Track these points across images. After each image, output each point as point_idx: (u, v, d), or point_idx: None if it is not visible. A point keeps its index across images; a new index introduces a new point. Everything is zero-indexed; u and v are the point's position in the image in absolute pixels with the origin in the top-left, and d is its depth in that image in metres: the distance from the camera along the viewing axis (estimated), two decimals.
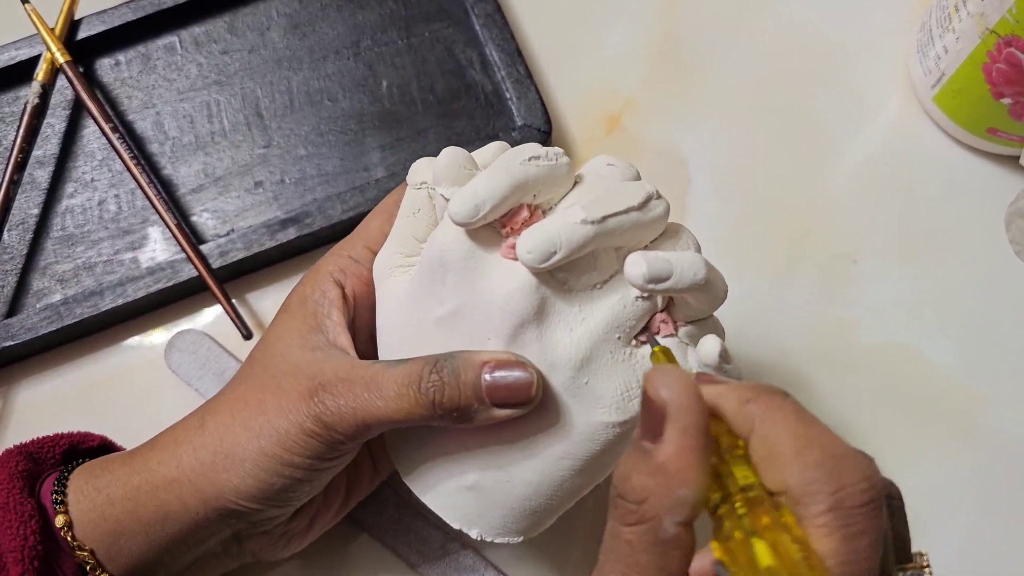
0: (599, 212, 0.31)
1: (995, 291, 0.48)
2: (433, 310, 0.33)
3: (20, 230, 0.48)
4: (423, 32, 0.52)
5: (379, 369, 0.33)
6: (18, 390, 0.46)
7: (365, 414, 0.32)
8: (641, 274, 0.31)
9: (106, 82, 0.51)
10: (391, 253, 0.35)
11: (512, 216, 0.32)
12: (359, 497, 0.40)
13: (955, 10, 0.46)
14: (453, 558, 0.42)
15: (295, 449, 0.33)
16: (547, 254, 0.30)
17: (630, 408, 0.32)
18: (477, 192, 0.31)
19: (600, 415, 0.32)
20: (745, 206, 0.50)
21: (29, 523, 0.34)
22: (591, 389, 0.32)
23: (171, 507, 0.34)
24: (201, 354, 0.46)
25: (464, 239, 0.32)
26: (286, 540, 0.38)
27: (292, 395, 0.33)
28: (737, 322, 0.47)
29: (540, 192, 0.32)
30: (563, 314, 0.32)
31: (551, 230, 0.31)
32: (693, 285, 0.31)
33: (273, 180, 0.49)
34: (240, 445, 0.33)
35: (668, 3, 0.54)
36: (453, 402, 0.32)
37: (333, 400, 0.32)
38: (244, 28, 0.52)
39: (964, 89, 0.47)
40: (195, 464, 0.34)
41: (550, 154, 0.32)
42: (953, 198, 0.50)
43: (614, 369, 0.32)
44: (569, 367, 0.32)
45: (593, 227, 0.31)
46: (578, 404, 0.32)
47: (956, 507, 0.44)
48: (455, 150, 0.33)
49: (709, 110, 0.51)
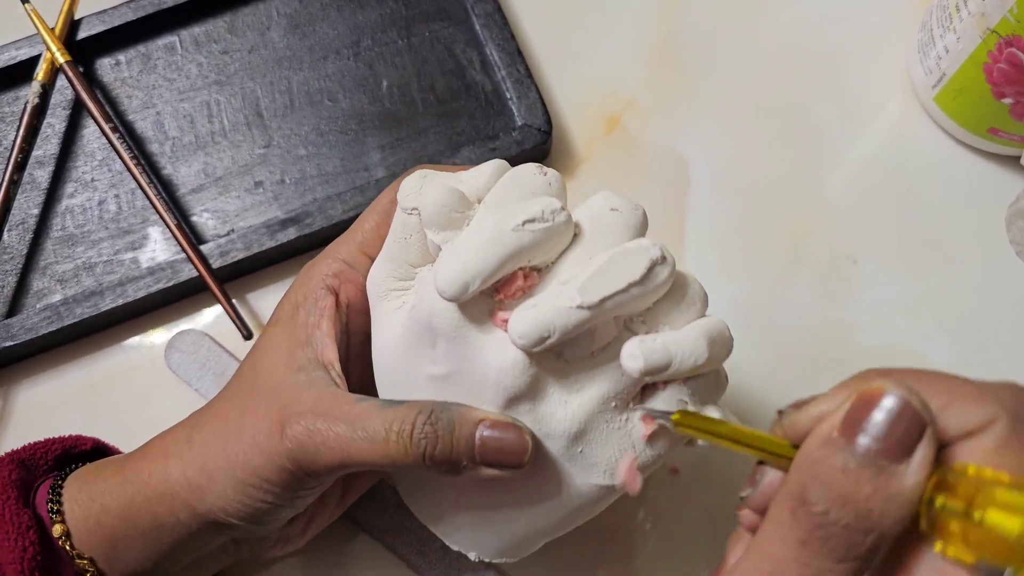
0: (596, 295, 0.29)
1: (996, 292, 0.48)
2: (427, 367, 0.32)
3: (20, 230, 0.48)
4: (423, 32, 0.52)
5: (368, 408, 0.31)
6: (18, 390, 0.46)
7: (344, 455, 0.31)
8: (638, 368, 0.29)
9: (106, 82, 0.51)
10: (385, 275, 0.34)
11: (506, 284, 0.30)
12: (356, 495, 0.40)
13: (956, 10, 0.46)
14: (453, 559, 0.42)
15: (271, 480, 0.32)
16: (540, 340, 0.29)
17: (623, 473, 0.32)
18: (466, 268, 0.29)
19: (595, 479, 0.32)
20: (745, 207, 0.49)
21: (27, 534, 0.33)
22: (585, 457, 0.31)
23: (165, 519, 0.34)
24: (201, 354, 0.46)
25: (454, 311, 0.31)
26: (283, 542, 0.38)
27: (264, 424, 0.32)
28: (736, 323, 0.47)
29: (535, 257, 0.30)
30: (557, 386, 0.31)
31: (544, 316, 0.29)
32: (695, 368, 0.30)
33: (273, 180, 0.49)
34: (220, 470, 0.33)
35: (668, 4, 0.54)
36: (444, 456, 0.31)
37: (309, 438, 0.31)
38: (244, 28, 0.52)
39: (965, 89, 0.47)
40: (183, 480, 0.34)
41: (546, 214, 0.30)
42: (954, 198, 0.49)
43: (609, 437, 0.31)
44: (564, 438, 0.31)
45: (588, 313, 0.29)
46: (573, 468, 0.32)
47: None
48: (444, 190, 0.31)
49: (709, 110, 0.51)
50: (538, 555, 0.43)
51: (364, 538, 0.43)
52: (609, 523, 0.43)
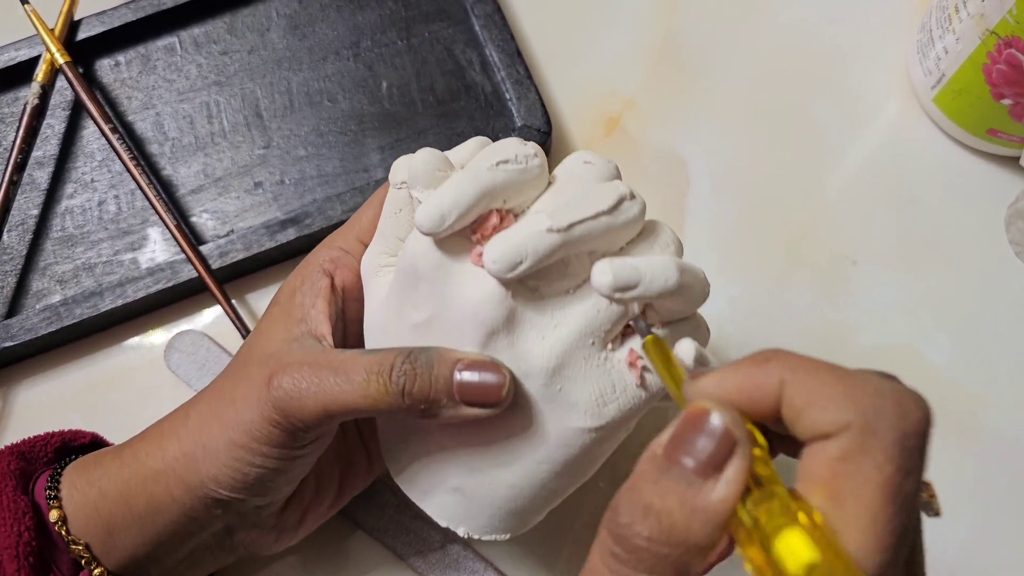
0: (565, 220, 0.30)
1: (995, 292, 0.48)
2: (410, 316, 0.33)
3: (20, 231, 0.48)
4: (423, 33, 0.52)
5: (350, 355, 0.32)
6: (18, 390, 0.46)
7: (328, 399, 0.31)
8: (607, 283, 0.30)
9: (106, 83, 0.51)
10: (376, 253, 0.35)
11: (482, 222, 0.32)
12: (354, 492, 0.40)
13: (955, 11, 0.46)
14: (453, 559, 0.42)
15: (261, 439, 0.32)
16: (513, 264, 0.30)
17: (605, 414, 0.32)
18: (443, 202, 0.31)
19: (575, 421, 0.32)
20: (744, 207, 0.50)
21: (23, 520, 0.34)
22: (565, 396, 0.32)
23: (160, 499, 0.34)
24: (200, 355, 0.46)
25: (433, 248, 0.32)
26: (278, 532, 0.38)
27: (256, 383, 0.33)
28: (736, 323, 0.47)
29: (510, 197, 0.32)
30: (534, 322, 0.32)
31: (516, 240, 0.30)
32: (664, 292, 0.31)
33: (273, 181, 0.49)
34: (214, 437, 0.33)
35: (668, 4, 0.54)
36: (423, 393, 0.31)
37: (293, 384, 0.32)
38: (244, 29, 0.52)
39: (964, 90, 0.47)
40: (179, 456, 0.34)
41: (520, 156, 0.32)
42: (953, 199, 0.49)
43: (588, 375, 0.32)
44: (542, 375, 0.31)
45: (559, 235, 0.30)
46: (553, 411, 0.32)
47: (956, 507, 0.44)
48: (429, 152, 0.33)
49: (709, 111, 0.51)
50: (536, 557, 0.43)
51: (364, 538, 0.43)
52: None
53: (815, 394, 0.22)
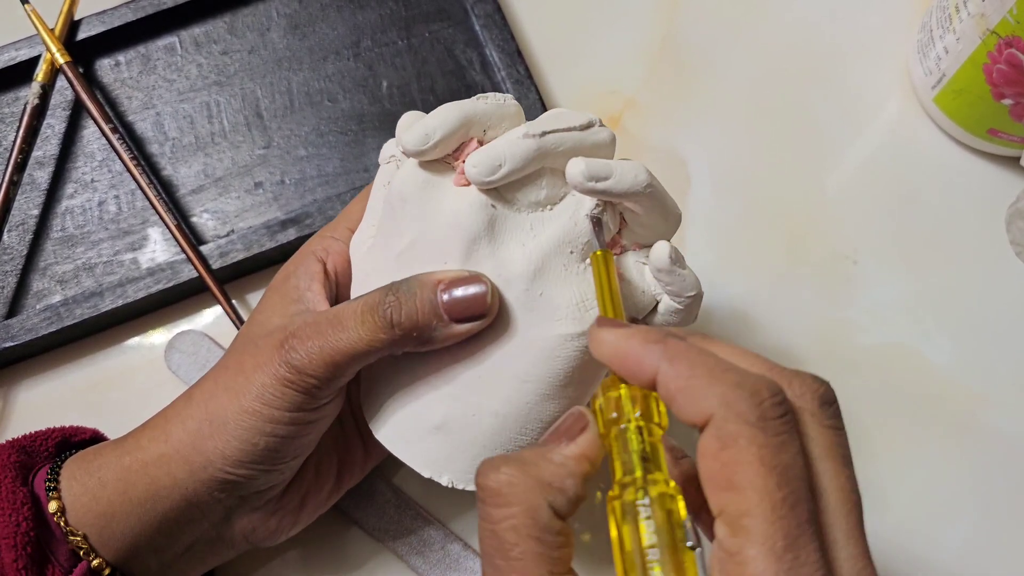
0: (539, 128, 0.32)
1: (995, 292, 0.48)
2: (395, 246, 0.34)
3: (20, 231, 0.48)
4: (423, 32, 0.52)
5: (341, 307, 0.33)
6: (18, 391, 0.46)
7: (332, 350, 0.33)
8: (580, 171, 0.32)
9: (106, 83, 0.51)
10: (364, 227, 0.37)
11: (463, 149, 0.34)
12: (352, 481, 0.41)
13: (956, 11, 0.46)
14: (454, 560, 0.42)
15: (274, 403, 0.33)
16: (493, 167, 0.32)
17: (587, 319, 0.33)
18: (427, 123, 0.33)
19: (557, 328, 0.33)
20: (745, 206, 0.50)
21: (21, 510, 0.34)
22: (546, 300, 0.33)
23: (161, 483, 0.35)
24: (201, 355, 0.46)
25: (418, 170, 0.34)
26: (278, 519, 0.38)
27: (266, 350, 0.34)
28: (736, 322, 0.47)
29: (489, 128, 0.34)
30: (514, 231, 0.33)
31: (495, 146, 0.32)
32: (634, 187, 0.32)
33: (273, 181, 0.49)
34: (223, 407, 0.34)
35: (668, 4, 0.54)
36: (411, 320, 0.32)
37: (301, 343, 0.33)
38: (244, 29, 0.52)
39: (965, 90, 0.47)
40: (183, 436, 0.35)
41: (499, 96, 0.34)
42: (953, 199, 0.49)
43: (568, 280, 0.33)
44: (523, 279, 0.33)
45: (535, 140, 0.32)
46: (534, 317, 0.33)
47: (956, 507, 0.44)
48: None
49: (709, 111, 0.51)
50: None
51: (363, 538, 0.43)
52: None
53: (682, 387, 0.25)
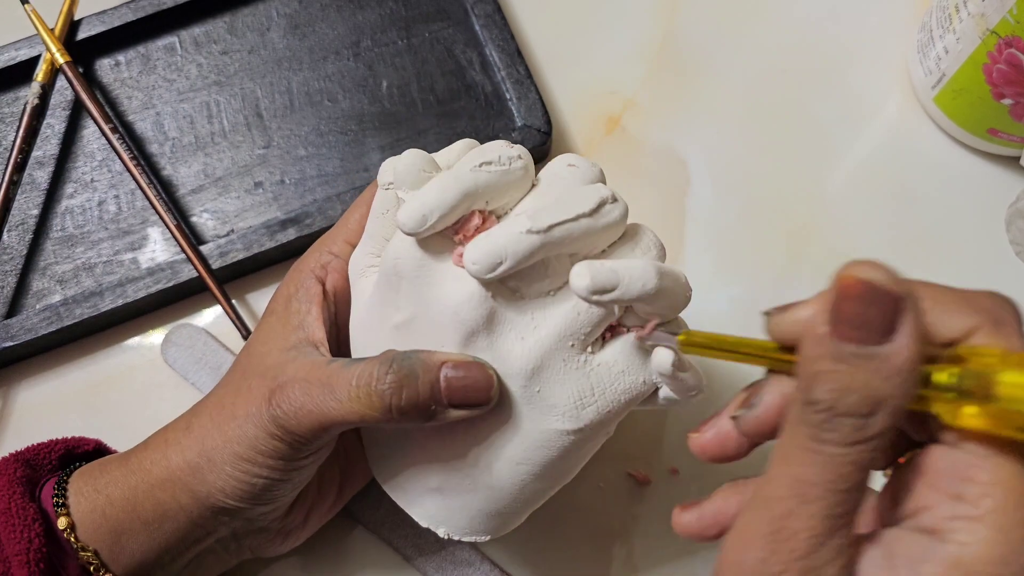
0: (545, 221, 0.30)
1: None
2: (392, 317, 0.33)
3: (20, 231, 0.48)
4: (423, 32, 0.52)
5: (335, 368, 0.32)
6: (18, 390, 0.46)
7: (321, 415, 0.32)
8: (585, 286, 0.30)
9: (106, 82, 0.51)
10: (363, 253, 0.36)
11: (464, 223, 0.32)
12: (354, 490, 0.41)
13: (956, 11, 0.46)
14: (449, 552, 0.42)
15: (265, 452, 0.33)
16: (492, 265, 0.30)
17: (583, 416, 0.32)
18: (425, 202, 0.31)
19: (554, 423, 0.32)
20: (745, 206, 0.49)
21: (32, 526, 0.34)
22: (543, 398, 0.32)
23: (168, 506, 0.35)
24: (198, 348, 0.46)
25: (415, 248, 0.32)
26: (283, 536, 0.38)
27: (256, 398, 0.33)
28: (736, 322, 0.47)
29: (492, 199, 0.32)
30: (514, 323, 0.31)
31: (497, 241, 0.30)
32: (642, 296, 0.30)
33: (273, 181, 0.49)
34: (217, 449, 0.34)
35: (668, 4, 0.54)
36: (411, 403, 0.31)
37: (288, 402, 0.32)
38: (244, 29, 0.52)
39: (965, 90, 0.47)
40: (183, 465, 0.35)
41: (503, 158, 0.32)
42: (953, 199, 0.49)
43: (567, 377, 0.32)
44: (521, 376, 0.31)
45: (539, 237, 0.30)
46: (532, 411, 0.32)
47: None
48: (416, 153, 0.33)
49: (709, 111, 0.51)
50: (535, 553, 0.43)
51: (361, 533, 0.43)
52: (608, 522, 0.43)
53: (935, 301, 0.24)
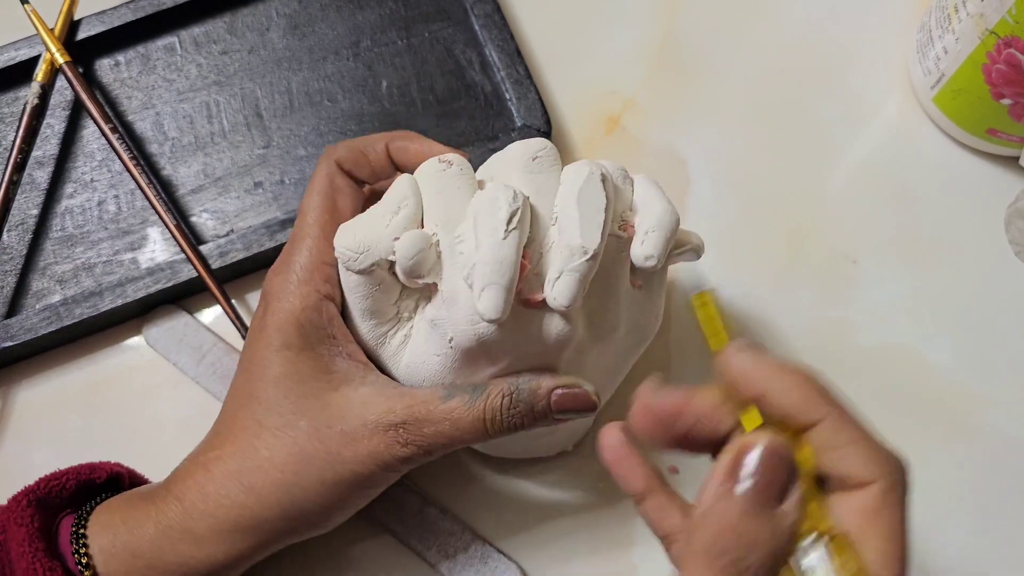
0: (595, 237, 0.33)
1: (995, 292, 0.48)
2: (486, 370, 0.36)
3: (19, 231, 0.48)
4: (423, 32, 0.52)
5: (458, 405, 0.35)
6: (18, 390, 0.46)
7: (444, 442, 0.35)
8: (655, 263, 0.35)
9: (106, 82, 0.51)
10: (371, 327, 0.37)
11: None
12: None
13: (955, 11, 0.46)
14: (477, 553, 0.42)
15: (375, 484, 0.36)
16: (580, 298, 0.33)
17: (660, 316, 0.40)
18: (495, 294, 0.32)
19: (645, 333, 0.39)
20: (745, 206, 0.50)
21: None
22: (632, 333, 0.38)
23: (193, 558, 0.34)
24: (179, 329, 0.46)
25: (498, 327, 0.34)
26: None
27: (367, 441, 0.35)
28: (736, 322, 0.47)
29: (530, 244, 0.34)
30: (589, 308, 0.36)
31: (573, 281, 0.33)
32: (678, 223, 0.36)
33: (273, 181, 0.49)
34: (309, 500, 0.35)
35: (668, 4, 0.54)
36: (529, 423, 0.35)
37: (423, 442, 0.35)
38: (244, 29, 0.52)
39: (964, 90, 0.47)
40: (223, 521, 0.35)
41: (512, 205, 0.33)
42: (953, 199, 0.50)
43: (643, 307, 0.38)
44: (615, 336, 0.37)
45: (596, 255, 0.33)
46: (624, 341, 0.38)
47: (956, 507, 0.44)
48: (410, 240, 0.33)
49: (709, 110, 0.51)
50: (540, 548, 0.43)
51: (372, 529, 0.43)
52: (608, 520, 0.43)
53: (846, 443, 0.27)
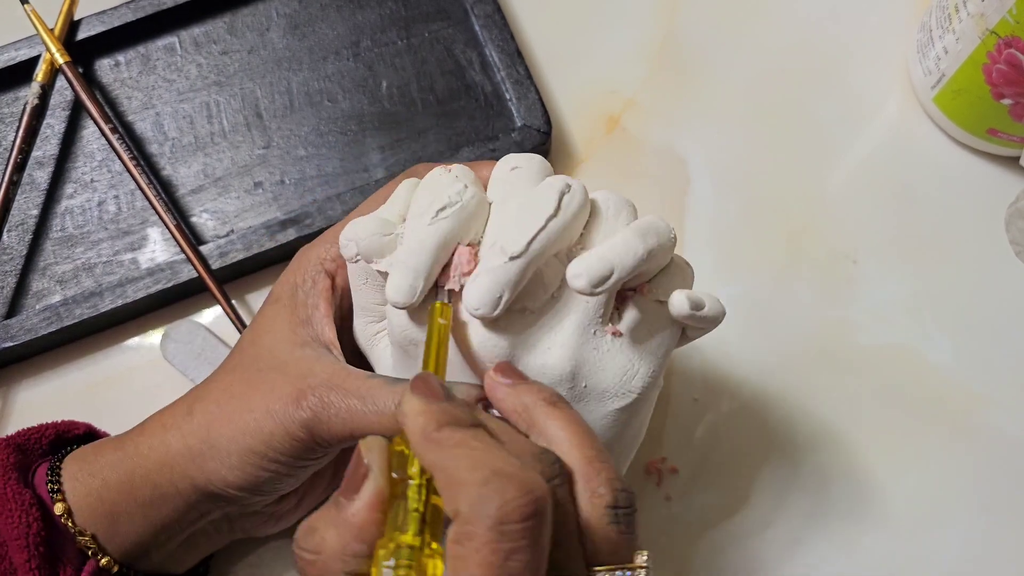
0: (521, 242, 0.31)
1: (995, 292, 0.48)
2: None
3: (20, 231, 0.48)
4: (423, 32, 0.52)
5: (378, 384, 0.33)
6: (18, 391, 0.46)
7: (354, 426, 0.32)
8: (584, 285, 0.31)
9: (106, 83, 0.51)
10: (364, 324, 0.36)
11: (445, 271, 0.32)
12: None
13: (955, 11, 0.46)
14: None
15: (280, 449, 0.33)
16: (494, 303, 0.31)
17: (634, 386, 0.33)
18: (405, 276, 0.31)
19: (612, 405, 0.33)
20: (745, 206, 0.50)
21: (30, 511, 0.34)
22: (592, 389, 0.33)
23: (164, 489, 0.35)
24: (197, 344, 0.46)
25: (412, 324, 0.33)
26: (275, 519, 0.39)
27: (280, 397, 0.33)
28: (736, 322, 0.47)
29: (462, 238, 0.32)
30: (535, 339, 0.32)
31: (486, 281, 0.31)
32: (637, 265, 0.31)
33: (273, 181, 0.49)
34: (225, 438, 0.34)
35: (668, 4, 0.54)
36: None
37: (323, 409, 0.32)
38: (244, 29, 0.52)
39: (964, 90, 0.47)
40: (183, 450, 0.34)
41: (454, 195, 0.32)
42: (953, 199, 0.50)
43: (605, 361, 0.33)
44: (565, 381, 0.32)
45: (522, 259, 0.31)
46: (588, 405, 0.33)
47: (956, 507, 0.44)
48: (369, 221, 0.33)
49: (709, 110, 0.51)
50: None
51: None
52: None
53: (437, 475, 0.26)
